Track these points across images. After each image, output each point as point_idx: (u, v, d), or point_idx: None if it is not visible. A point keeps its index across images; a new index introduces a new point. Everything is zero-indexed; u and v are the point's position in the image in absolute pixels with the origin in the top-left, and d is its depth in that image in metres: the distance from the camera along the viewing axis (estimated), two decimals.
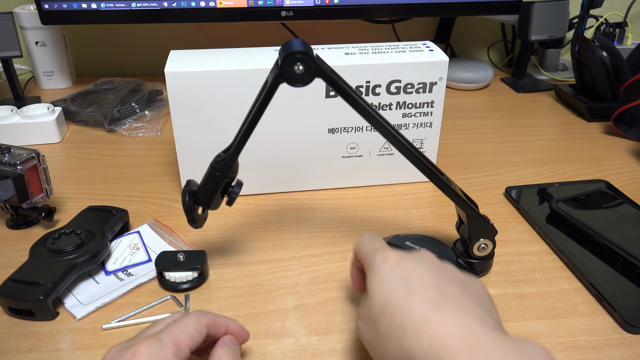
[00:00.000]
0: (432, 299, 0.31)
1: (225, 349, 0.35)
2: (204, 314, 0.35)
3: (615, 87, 0.80)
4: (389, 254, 0.34)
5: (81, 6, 0.78)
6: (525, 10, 0.90)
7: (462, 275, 0.34)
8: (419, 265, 0.33)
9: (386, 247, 0.36)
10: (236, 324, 0.37)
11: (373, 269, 0.34)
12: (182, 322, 0.34)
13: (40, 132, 0.73)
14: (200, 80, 0.53)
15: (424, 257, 0.34)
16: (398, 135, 0.41)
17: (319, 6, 0.80)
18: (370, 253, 0.36)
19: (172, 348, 0.32)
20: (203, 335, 0.34)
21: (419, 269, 0.33)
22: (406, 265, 0.33)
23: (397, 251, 0.35)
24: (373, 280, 0.34)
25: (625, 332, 0.42)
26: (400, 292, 0.31)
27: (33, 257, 0.46)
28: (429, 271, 0.33)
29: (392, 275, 0.33)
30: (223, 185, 0.43)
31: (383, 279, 0.33)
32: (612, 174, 0.66)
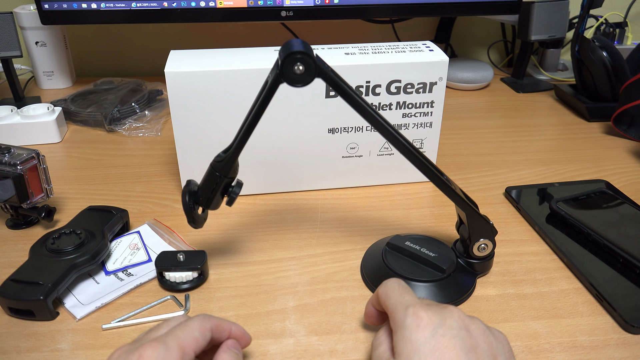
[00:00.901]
0: None
1: (228, 353, 0.36)
2: (208, 318, 0.36)
3: (615, 87, 0.80)
4: (422, 316, 0.33)
5: (81, 6, 0.78)
6: (525, 10, 0.90)
7: (493, 342, 0.33)
8: (454, 339, 0.32)
9: (418, 305, 0.34)
10: (239, 328, 0.38)
11: (404, 331, 0.33)
12: (187, 325, 0.34)
13: (40, 132, 0.73)
14: (200, 80, 0.53)
15: (458, 326, 0.33)
16: (398, 135, 0.41)
17: (319, 6, 0.80)
18: (400, 307, 0.34)
19: (177, 352, 0.32)
20: (207, 339, 0.35)
21: (454, 344, 0.31)
22: (441, 339, 0.32)
23: (429, 313, 0.33)
24: (404, 347, 0.32)
25: (625, 332, 0.42)
26: None
27: (33, 257, 0.46)
28: (462, 347, 0.31)
29: (425, 348, 0.31)
30: (223, 185, 0.43)
31: (416, 350, 0.32)
32: (612, 174, 0.66)
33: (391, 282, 0.37)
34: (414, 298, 0.35)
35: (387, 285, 0.37)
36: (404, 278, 0.45)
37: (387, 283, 0.38)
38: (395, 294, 0.36)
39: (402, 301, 0.35)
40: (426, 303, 0.35)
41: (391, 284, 0.37)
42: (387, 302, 0.36)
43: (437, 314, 0.33)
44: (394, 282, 0.37)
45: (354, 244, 0.52)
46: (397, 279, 0.38)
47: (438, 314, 0.33)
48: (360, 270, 0.49)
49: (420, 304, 0.34)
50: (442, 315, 0.33)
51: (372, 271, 0.48)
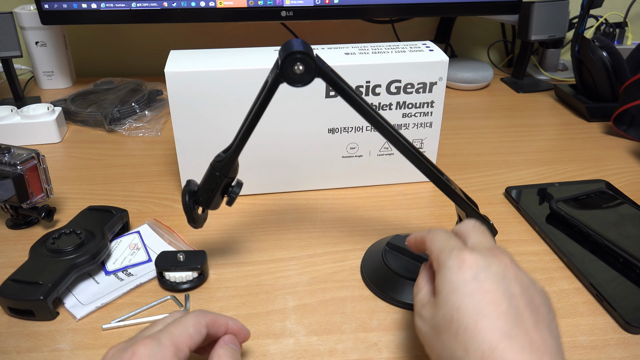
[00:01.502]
0: (504, 326, 0.29)
1: (225, 348, 0.35)
2: (203, 314, 0.35)
3: (615, 87, 0.80)
4: (466, 258, 0.32)
5: (81, 6, 0.78)
6: (525, 10, 0.90)
7: (537, 296, 0.32)
8: (498, 284, 0.31)
9: (463, 248, 0.33)
10: (236, 323, 0.37)
11: (446, 272, 0.32)
12: (182, 322, 0.34)
13: (40, 132, 0.73)
14: (200, 80, 0.53)
15: (504, 273, 0.31)
16: (398, 135, 0.41)
17: (319, 6, 0.80)
18: (445, 250, 0.33)
19: (171, 348, 0.32)
20: (203, 335, 0.34)
21: (497, 289, 0.30)
22: (483, 282, 0.31)
23: (475, 256, 0.32)
24: (444, 287, 0.32)
25: (625, 332, 0.42)
26: (469, 312, 0.30)
27: (33, 257, 0.46)
28: (505, 293, 0.30)
29: (465, 289, 0.31)
30: (223, 185, 0.43)
31: (455, 290, 0.31)
32: (612, 174, 0.66)
33: (438, 230, 0.36)
34: (459, 242, 0.34)
35: (435, 232, 0.36)
36: (404, 278, 0.45)
37: (435, 230, 0.36)
38: (442, 239, 0.35)
39: (447, 245, 0.34)
40: (475, 248, 0.33)
41: (439, 232, 0.36)
42: (433, 247, 0.35)
43: (482, 258, 0.32)
44: (441, 230, 0.36)
45: (354, 244, 0.52)
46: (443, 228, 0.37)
47: (484, 258, 0.32)
48: (360, 270, 0.49)
49: (465, 248, 0.33)
50: (487, 261, 0.32)
51: (372, 271, 0.48)
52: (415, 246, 0.39)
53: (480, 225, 0.37)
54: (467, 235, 0.36)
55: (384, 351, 0.40)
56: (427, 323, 0.33)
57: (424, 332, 0.33)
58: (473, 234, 0.36)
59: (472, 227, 0.36)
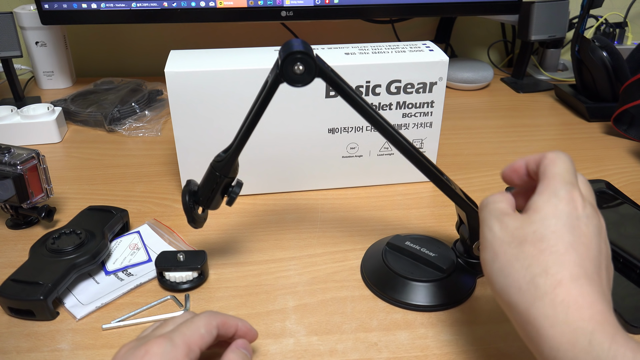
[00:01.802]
0: (588, 268, 0.31)
1: (236, 352, 0.36)
2: (214, 315, 0.36)
3: (615, 87, 0.80)
4: (577, 199, 0.33)
5: (81, 6, 0.78)
6: (525, 10, 0.90)
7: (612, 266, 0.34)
8: (594, 236, 0.32)
9: (576, 189, 0.33)
10: (245, 324, 0.38)
11: (552, 197, 0.33)
12: (193, 322, 0.34)
13: (40, 132, 0.73)
14: (200, 80, 0.53)
15: (599, 231, 0.33)
16: (398, 135, 0.41)
17: (319, 6, 0.80)
18: (560, 179, 0.34)
19: (183, 348, 0.32)
20: (213, 336, 0.35)
21: (592, 239, 0.32)
22: (584, 226, 0.32)
23: (585, 202, 0.33)
24: (545, 207, 0.33)
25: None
26: (565, 240, 0.31)
27: (33, 257, 0.46)
28: (597, 246, 0.32)
29: (567, 220, 0.32)
30: (223, 185, 0.43)
31: (558, 216, 0.32)
32: (612, 174, 0.66)
33: (564, 155, 0.36)
34: (576, 181, 0.34)
35: (558, 155, 0.35)
36: (404, 278, 0.45)
37: (560, 153, 0.36)
38: (562, 166, 0.35)
39: (565, 176, 0.34)
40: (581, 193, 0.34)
41: (564, 157, 0.35)
42: (549, 169, 0.35)
43: (590, 208, 0.33)
44: (566, 157, 0.36)
45: (354, 244, 0.52)
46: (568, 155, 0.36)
47: (589, 209, 0.33)
48: (360, 270, 0.49)
49: (578, 190, 0.34)
50: (592, 212, 0.33)
51: (372, 271, 0.48)
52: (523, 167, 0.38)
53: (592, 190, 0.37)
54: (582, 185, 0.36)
55: (384, 351, 0.40)
56: (508, 231, 0.33)
57: (499, 237, 0.33)
58: (586, 188, 0.36)
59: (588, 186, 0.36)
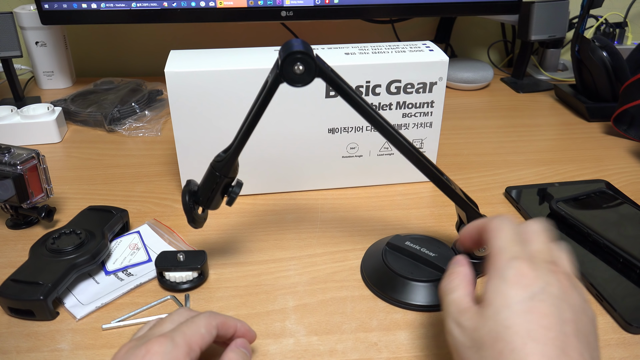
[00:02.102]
0: (550, 353, 0.28)
1: (236, 352, 0.36)
2: (214, 315, 0.36)
3: (615, 87, 0.80)
4: (527, 273, 0.31)
5: (81, 6, 0.78)
6: (525, 10, 0.90)
7: (586, 320, 0.31)
8: (553, 308, 0.30)
9: (524, 260, 0.31)
10: (244, 326, 0.38)
11: (500, 283, 0.31)
12: (194, 322, 0.34)
13: (40, 132, 0.73)
14: (200, 80, 0.53)
15: (560, 298, 0.30)
16: (398, 135, 0.41)
17: (319, 6, 0.80)
18: (505, 254, 0.32)
19: (184, 347, 0.32)
20: (213, 336, 0.35)
21: (551, 314, 0.29)
22: (539, 303, 0.30)
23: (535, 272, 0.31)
24: (495, 299, 0.31)
25: (625, 332, 0.42)
26: (520, 333, 0.29)
27: (33, 257, 0.46)
28: (559, 319, 0.29)
29: (519, 307, 0.30)
30: (223, 185, 0.43)
31: (508, 306, 0.30)
32: (612, 174, 0.66)
33: (506, 222, 0.34)
34: (522, 250, 0.32)
35: (500, 223, 0.34)
36: (404, 278, 0.45)
37: (502, 220, 0.34)
38: (506, 236, 0.33)
39: (509, 249, 0.32)
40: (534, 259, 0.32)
41: (506, 224, 0.34)
42: (493, 242, 0.33)
43: (542, 276, 0.31)
44: (508, 223, 0.34)
45: (354, 244, 0.52)
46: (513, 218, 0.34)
47: (544, 276, 0.31)
48: (360, 270, 0.49)
49: (527, 259, 0.31)
50: (547, 280, 0.31)
51: (372, 271, 0.48)
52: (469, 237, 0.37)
53: (545, 230, 0.35)
54: (531, 239, 0.34)
55: (384, 351, 0.40)
56: (466, 334, 0.31)
57: (460, 342, 0.32)
58: (537, 240, 0.34)
59: (537, 231, 0.34)
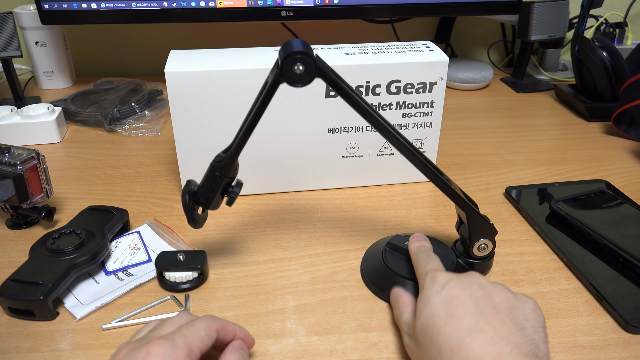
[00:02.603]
0: (469, 324, 0.33)
1: (234, 353, 0.36)
2: (214, 319, 0.36)
3: (615, 87, 0.80)
4: (438, 276, 0.37)
5: (81, 6, 0.78)
6: (525, 10, 0.90)
7: (512, 299, 0.35)
8: (464, 290, 0.35)
9: (437, 270, 0.38)
10: (243, 331, 0.38)
11: (423, 291, 0.37)
12: (194, 325, 0.34)
13: (40, 132, 0.73)
14: (200, 80, 0.53)
15: (471, 281, 0.36)
16: (398, 135, 0.41)
17: (319, 6, 0.80)
18: (422, 275, 0.39)
19: (184, 350, 0.32)
20: (213, 340, 0.35)
21: (463, 294, 0.35)
22: (451, 290, 0.35)
23: (447, 274, 0.37)
24: (420, 302, 0.36)
25: (625, 332, 0.42)
26: (440, 316, 0.34)
27: (33, 257, 0.46)
28: (472, 297, 0.34)
29: (436, 298, 0.35)
30: (223, 185, 0.43)
31: (428, 301, 0.35)
32: (612, 174, 0.66)
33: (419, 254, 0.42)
34: (437, 265, 0.39)
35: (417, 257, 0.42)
36: (404, 278, 0.45)
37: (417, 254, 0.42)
38: (421, 264, 0.40)
39: (425, 269, 0.39)
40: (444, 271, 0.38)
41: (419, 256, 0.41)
42: (417, 271, 0.41)
43: (451, 275, 0.37)
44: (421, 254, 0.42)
45: (354, 244, 0.52)
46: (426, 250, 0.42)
47: (452, 275, 0.37)
48: (360, 270, 0.49)
49: (441, 270, 0.38)
50: (456, 275, 0.36)
51: (372, 271, 0.48)
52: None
53: None
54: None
55: (384, 351, 0.40)
56: (411, 338, 0.37)
57: (411, 347, 0.37)
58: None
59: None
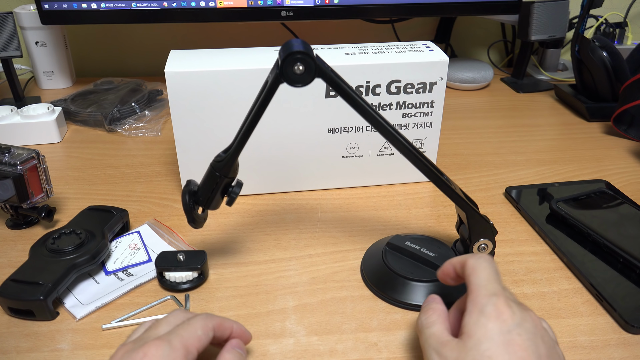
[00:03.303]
0: None
1: (232, 352, 0.36)
2: (210, 317, 0.36)
3: (615, 87, 0.80)
4: (504, 310, 0.33)
5: (81, 6, 0.78)
6: (525, 10, 0.90)
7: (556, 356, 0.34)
8: (530, 342, 0.32)
9: (502, 297, 0.34)
10: (240, 327, 0.38)
11: (481, 317, 0.33)
12: (190, 324, 0.34)
13: (40, 132, 0.73)
14: (200, 80, 0.53)
15: (534, 333, 0.33)
16: (398, 135, 0.41)
17: (319, 6, 0.80)
18: (484, 291, 0.34)
19: (181, 350, 0.32)
20: (210, 338, 0.35)
21: (528, 347, 0.32)
22: (517, 337, 0.32)
23: (511, 309, 0.33)
24: (477, 331, 0.33)
25: (625, 332, 0.42)
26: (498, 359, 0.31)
27: (33, 257, 0.46)
28: (535, 353, 0.32)
29: (499, 338, 0.32)
30: (223, 185, 0.43)
31: (490, 338, 0.32)
32: (612, 174, 0.66)
33: (484, 261, 0.36)
34: (500, 288, 0.35)
35: (479, 262, 0.36)
36: (404, 278, 0.45)
37: (479, 259, 0.37)
38: (484, 276, 0.35)
39: (488, 287, 0.35)
40: (510, 298, 0.35)
41: (484, 263, 0.36)
42: (472, 279, 0.36)
43: (518, 313, 0.33)
44: (486, 262, 0.36)
45: (354, 244, 0.52)
46: (491, 258, 0.37)
47: (519, 313, 0.33)
48: (360, 270, 0.49)
49: (504, 296, 0.34)
50: (522, 316, 0.33)
51: (372, 271, 0.48)
52: (448, 274, 0.39)
53: None
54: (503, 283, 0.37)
55: (384, 351, 0.40)
56: (441, 356, 0.34)
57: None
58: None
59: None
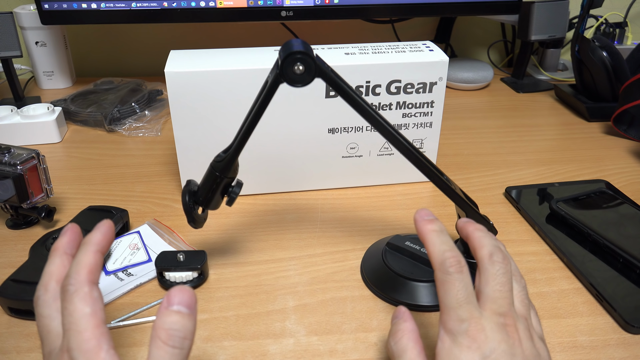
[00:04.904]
0: None
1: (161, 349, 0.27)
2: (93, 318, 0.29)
3: (615, 87, 0.80)
4: (477, 336, 0.31)
5: (81, 6, 0.78)
6: (525, 10, 0.90)
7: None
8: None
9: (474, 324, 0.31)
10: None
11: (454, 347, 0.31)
12: (78, 332, 0.28)
13: (40, 132, 0.73)
14: (200, 80, 0.53)
15: (511, 353, 0.31)
16: (398, 135, 0.41)
17: (319, 6, 0.80)
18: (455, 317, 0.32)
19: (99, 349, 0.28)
20: (102, 305, 0.30)
21: None
22: None
23: (486, 332, 0.31)
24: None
25: (625, 332, 0.42)
26: None
27: (33, 257, 0.46)
28: None
29: None
30: (223, 185, 0.43)
31: None
32: (612, 174, 0.66)
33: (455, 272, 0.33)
34: (472, 310, 0.32)
35: (447, 278, 0.33)
36: (404, 278, 0.45)
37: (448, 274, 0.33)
38: (453, 293, 0.32)
39: (458, 311, 0.32)
40: (488, 311, 0.32)
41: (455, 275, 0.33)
42: (443, 298, 0.33)
43: (491, 337, 0.31)
44: (457, 274, 0.33)
45: (354, 244, 0.52)
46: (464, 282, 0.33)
47: (493, 337, 0.31)
48: (360, 270, 0.49)
49: (476, 322, 0.31)
50: (496, 338, 0.31)
51: (372, 271, 0.48)
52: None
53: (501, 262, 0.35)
54: (485, 283, 0.34)
55: (384, 351, 0.40)
56: None
57: None
58: (492, 283, 0.34)
59: (493, 274, 0.34)
